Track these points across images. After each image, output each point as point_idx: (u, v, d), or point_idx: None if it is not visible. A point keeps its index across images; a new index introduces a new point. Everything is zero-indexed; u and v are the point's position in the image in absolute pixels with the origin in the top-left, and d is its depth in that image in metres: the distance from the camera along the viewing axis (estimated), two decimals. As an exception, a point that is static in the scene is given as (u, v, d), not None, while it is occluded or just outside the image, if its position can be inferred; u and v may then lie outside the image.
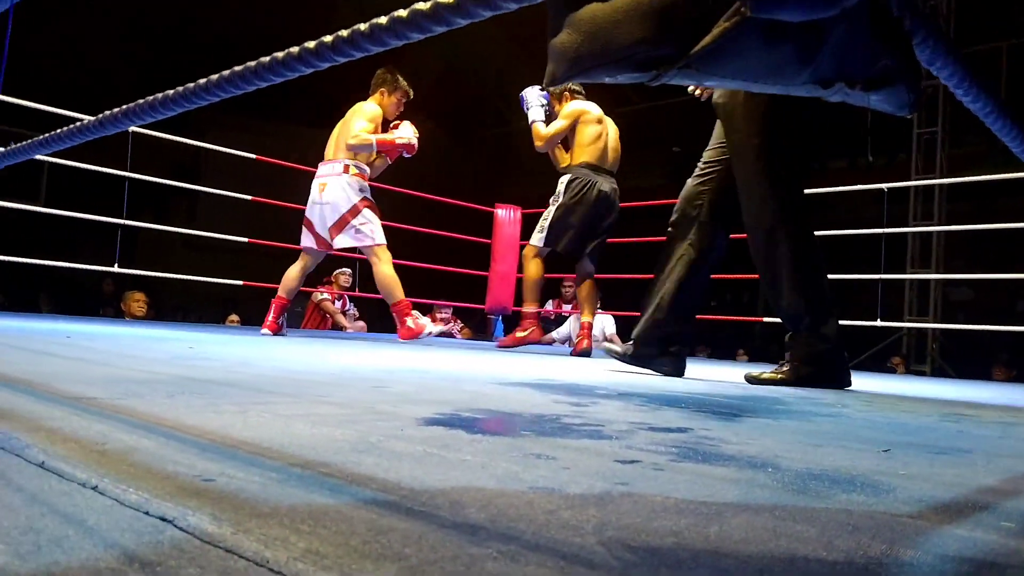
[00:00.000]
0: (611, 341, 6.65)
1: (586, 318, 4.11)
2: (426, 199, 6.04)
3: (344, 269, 7.15)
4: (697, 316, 2.46)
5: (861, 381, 3.27)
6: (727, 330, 11.86)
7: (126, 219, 4.59)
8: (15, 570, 0.35)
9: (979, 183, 5.02)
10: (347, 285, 7.14)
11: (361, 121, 4.20)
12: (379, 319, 8.38)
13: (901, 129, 8.38)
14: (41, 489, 0.48)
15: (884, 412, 1.61)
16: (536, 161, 4.79)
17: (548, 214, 4.00)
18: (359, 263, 6.48)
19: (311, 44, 0.84)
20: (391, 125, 4.30)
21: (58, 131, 1.39)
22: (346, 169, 4.14)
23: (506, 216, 5.88)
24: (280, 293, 4.18)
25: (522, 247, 4.36)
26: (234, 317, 7.77)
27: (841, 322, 2.26)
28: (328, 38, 0.85)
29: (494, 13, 0.73)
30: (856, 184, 5.45)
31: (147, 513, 0.44)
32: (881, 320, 5.21)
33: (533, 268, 4.04)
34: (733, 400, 1.59)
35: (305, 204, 4.28)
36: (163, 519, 0.43)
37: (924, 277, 7.85)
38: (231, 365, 1.72)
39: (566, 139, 4.18)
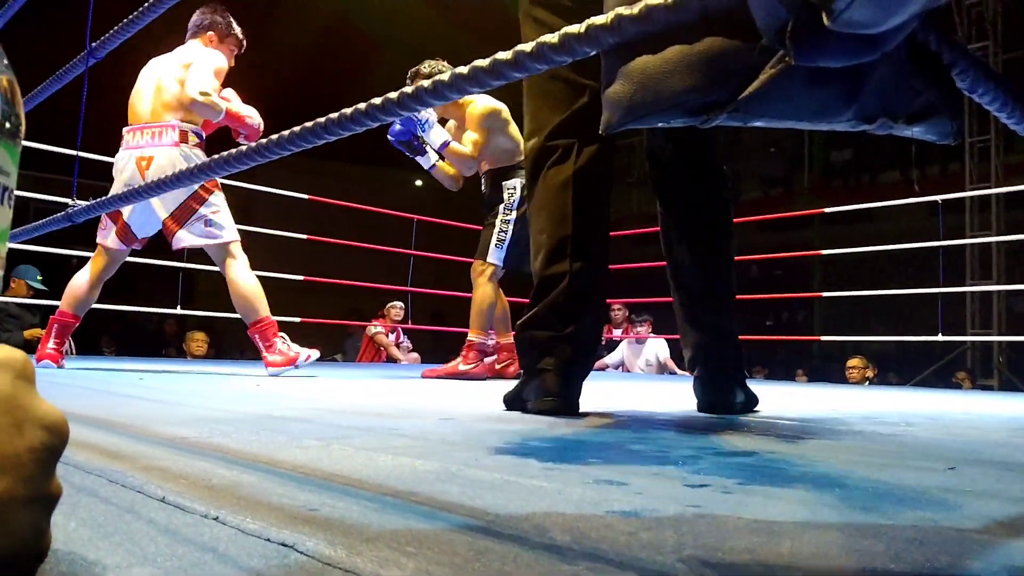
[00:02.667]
0: (665, 367, 6.57)
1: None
2: (459, 227, 6.12)
3: (396, 303, 7.28)
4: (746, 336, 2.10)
5: (926, 397, 3.20)
6: (784, 350, 11.67)
7: (186, 263, 4.79)
8: (170, 590, 0.40)
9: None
10: (399, 318, 7.25)
11: (207, 73, 2.98)
12: (432, 350, 8.49)
13: (953, 139, 8.23)
14: (170, 521, 0.54)
15: (950, 430, 1.59)
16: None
17: (506, 227, 3.43)
18: (410, 296, 6.59)
19: (393, 94, 0.89)
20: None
21: (139, 186, 1.49)
22: (183, 137, 2.97)
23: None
24: (65, 309, 3.09)
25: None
26: (291, 353, 7.96)
27: (903, 338, 2.22)
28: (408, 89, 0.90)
29: (528, 74, 0.78)
30: (909, 197, 5.38)
31: (268, 540, 0.49)
32: (943, 335, 5.09)
33: (490, 291, 3.42)
34: (795, 423, 1.60)
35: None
36: (284, 544, 0.48)
37: (985, 289, 7.63)
38: (300, 401, 1.79)
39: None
